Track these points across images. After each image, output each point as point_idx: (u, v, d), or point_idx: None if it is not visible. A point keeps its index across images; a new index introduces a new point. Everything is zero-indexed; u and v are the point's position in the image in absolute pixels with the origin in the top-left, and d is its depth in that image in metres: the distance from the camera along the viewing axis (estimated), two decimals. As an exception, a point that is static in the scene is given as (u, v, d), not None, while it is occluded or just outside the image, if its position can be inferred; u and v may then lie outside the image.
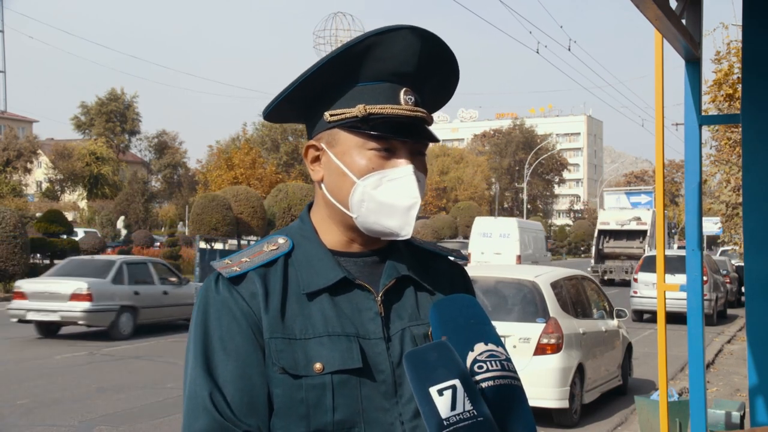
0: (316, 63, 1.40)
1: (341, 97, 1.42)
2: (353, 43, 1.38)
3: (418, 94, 1.45)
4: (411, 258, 1.52)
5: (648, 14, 3.08)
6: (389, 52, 1.39)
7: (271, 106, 1.49)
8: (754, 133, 3.51)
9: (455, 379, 1.21)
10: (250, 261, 1.43)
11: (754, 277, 3.51)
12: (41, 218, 24.36)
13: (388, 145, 1.41)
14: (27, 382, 9.92)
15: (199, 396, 1.35)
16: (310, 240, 1.47)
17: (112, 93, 65.16)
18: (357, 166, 1.41)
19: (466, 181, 76.98)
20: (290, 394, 1.36)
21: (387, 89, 1.41)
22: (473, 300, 1.40)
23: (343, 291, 1.43)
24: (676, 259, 14.79)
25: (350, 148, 1.42)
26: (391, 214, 1.41)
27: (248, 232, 31.25)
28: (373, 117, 1.39)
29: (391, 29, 1.38)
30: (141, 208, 49.62)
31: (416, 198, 1.40)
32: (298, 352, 1.37)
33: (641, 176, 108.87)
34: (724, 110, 12.01)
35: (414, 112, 1.41)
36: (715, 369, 12.24)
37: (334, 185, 1.44)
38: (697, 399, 3.92)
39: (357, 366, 1.37)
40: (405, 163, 1.41)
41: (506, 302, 8.43)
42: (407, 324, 1.44)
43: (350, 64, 1.40)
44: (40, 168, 62.42)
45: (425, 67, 1.43)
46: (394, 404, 1.39)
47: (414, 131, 1.42)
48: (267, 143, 62.66)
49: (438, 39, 1.42)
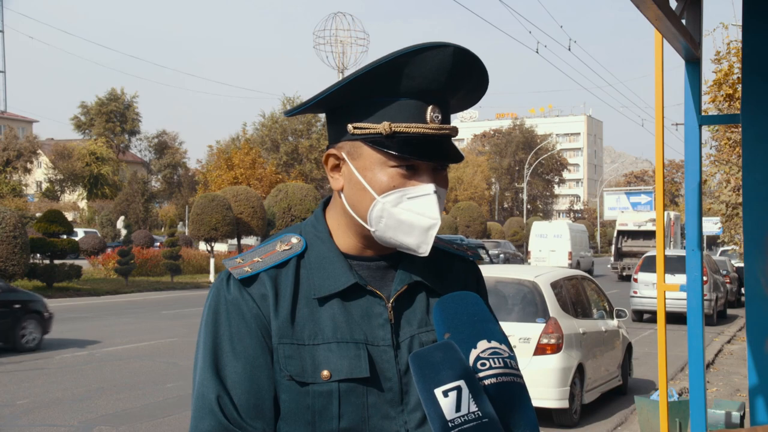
0: (347, 77, 1.37)
1: (367, 110, 1.40)
2: (384, 61, 1.35)
3: (445, 108, 1.43)
4: (424, 262, 1.50)
5: (648, 14, 3.08)
6: (419, 71, 1.36)
7: (297, 111, 1.49)
8: (754, 133, 3.51)
9: (460, 380, 1.22)
10: (262, 261, 1.42)
11: (754, 277, 3.51)
12: (41, 218, 24.31)
13: (410, 163, 1.39)
14: (27, 382, 9.93)
15: (206, 397, 1.36)
16: (324, 242, 1.47)
17: (112, 93, 65.14)
18: (378, 182, 1.39)
19: (466, 181, 76.96)
20: (297, 399, 1.36)
21: (414, 106, 1.39)
22: (478, 298, 1.40)
23: (354, 296, 1.42)
24: (676, 259, 14.81)
25: (372, 163, 1.40)
26: (409, 233, 1.39)
27: (248, 233, 31.25)
28: (399, 135, 1.38)
29: (421, 48, 1.35)
30: (141, 208, 49.64)
31: (436, 219, 1.38)
32: (306, 358, 1.37)
33: (641, 176, 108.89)
34: (724, 110, 12.01)
35: (440, 131, 1.39)
36: (715, 369, 12.24)
37: (354, 198, 1.43)
38: (697, 399, 3.92)
39: (364, 375, 1.37)
40: (426, 181, 1.39)
41: (506, 302, 8.43)
42: (416, 331, 1.44)
43: (379, 81, 1.37)
44: (40, 168, 62.42)
45: (454, 83, 1.41)
46: (399, 412, 1.39)
47: (437, 149, 1.40)
48: (267, 143, 62.62)
49: (470, 55, 1.39)
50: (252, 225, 31.03)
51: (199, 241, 33.27)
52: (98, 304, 20.98)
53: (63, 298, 22.36)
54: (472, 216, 50.33)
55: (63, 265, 23.38)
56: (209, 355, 1.38)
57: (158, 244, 39.52)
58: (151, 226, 51.24)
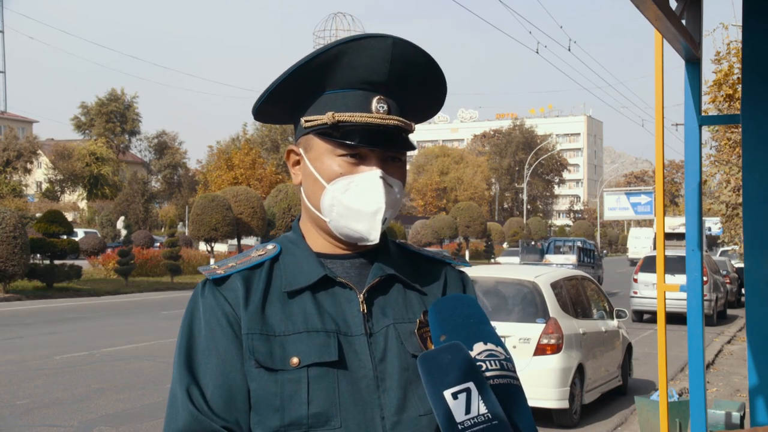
0: (286, 71, 1.42)
1: (314, 103, 1.45)
2: (321, 52, 1.40)
3: (396, 102, 1.45)
4: (401, 260, 1.53)
5: (648, 14, 3.08)
6: (359, 60, 1.40)
7: (255, 108, 1.53)
8: (754, 134, 3.51)
9: (469, 382, 1.21)
10: (236, 265, 1.46)
11: (754, 278, 3.51)
12: (41, 218, 24.31)
13: (356, 151, 1.42)
14: (27, 382, 9.92)
15: (178, 394, 1.39)
16: (298, 245, 1.50)
17: (112, 93, 65.18)
18: (327, 171, 1.44)
19: (466, 181, 77.00)
20: (265, 387, 1.37)
21: (358, 97, 1.42)
22: (473, 300, 1.40)
23: (325, 289, 1.44)
24: (676, 259, 14.79)
25: (322, 153, 1.44)
26: (357, 219, 1.42)
27: (248, 233, 31.26)
28: (342, 124, 1.41)
29: (359, 37, 1.40)
30: (141, 209, 49.65)
31: (380, 203, 1.41)
32: (276, 348, 1.38)
33: (641, 176, 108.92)
34: (724, 110, 12.00)
35: (385, 120, 1.42)
36: (715, 369, 12.24)
37: (309, 189, 1.48)
38: (697, 399, 3.92)
39: (333, 359, 1.37)
40: (372, 168, 1.42)
41: (506, 303, 8.43)
42: (392, 321, 1.44)
43: (320, 72, 1.42)
44: (40, 168, 62.44)
45: (400, 75, 1.43)
46: (375, 399, 1.39)
47: (386, 139, 1.43)
48: (267, 144, 62.66)
49: (411, 45, 1.42)
50: (252, 225, 31.05)
51: (199, 241, 33.29)
52: (98, 304, 20.98)
53: (63, 298, 22.37)
54: (472, 216, 50.29)
55: (63, 266, 23.39)
56: (183, 354, 1.41)
57: (158, 244, 39.51)
58: (151, 227, 51.23)
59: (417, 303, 1.48)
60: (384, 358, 1.41)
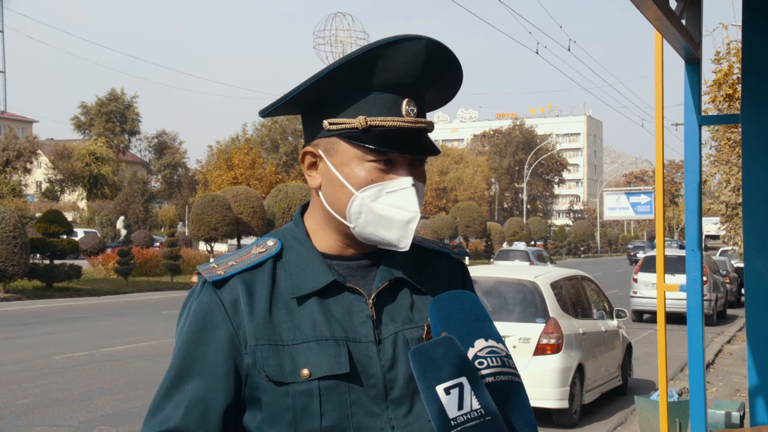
0: (319, 72, 1.37)
1: (342, 106, 1.39)
2: (357, 54, 1.35)
3: (420, 102, 1.42)
4: (407, 259, 1.48)
5: (648, 14, 3.08)
6: (393, 63, 1.36)
7: (271, 109, 1.48)
8: (754, 134, 3.51)
9: (462, 377, 1.20)
10: (236, 264, 1.41)
11: (754, 278, 3.51)
12: (41, 218, 24.30)
13: (387, 157, 1.38)
14: (27, 382, 9.92)
15: (153, 404, 1.38)
16: (302, 243, 1.45)
17: (112, 93, 65.18)
18: (356, 177, 1.38)
19: (466, 181, 76.99)
20: (277, 400, 1.35)
21: (389, 100, 1.38)
22: (474, 296, 1.39)
23: (333, 294, 1.40)
24: (676, 259, 14.79)
25: (349, 158, 1.39)
26: (389, 227, 1.38)
27: (248, 233, 31.23)
28: (374, 129, 1.37)
29: (395, 40, 1.35)
30: (141, 209, 49.68)
31: (415, 212, 1.38)
32: (285, 359, 1.35)
33: (641, 176, 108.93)
34: (724, 110, 12.00)
35: (416, 124, 1.39)
36: (715, 369, 12.24)
37: (332, 195, 1.42)
38: (697, 399, 3.92)
39: (344, 371, 1.35)
40: (405, 175, 1.39)
41: (506, 302, 8.43)
42: (400, 327, 1.42)
43: (353, 75, 1.37)
44: (40, 168, 62.41)
45: (428, 76, 1.40)
46: (384, 408, 1.37)
47: (414, 142, 1.39)
48: (267, 143, 62.62)
49: (443, 47, 1.39)
50: (252, 225, 31.02)
51: (198, 241, 33.26)
52: (98, 304, 20.97)
53: (63, 298, 22.36)
54: (471, 216, 50.28)
55: (63, 266, 23.37)
56: (174, 362, 1.39)
57: (158, 244, 39.54)
58: (151, 226, 51.27)
59: (424, 307, 1.44)
60: (393, 366, 1.39)
